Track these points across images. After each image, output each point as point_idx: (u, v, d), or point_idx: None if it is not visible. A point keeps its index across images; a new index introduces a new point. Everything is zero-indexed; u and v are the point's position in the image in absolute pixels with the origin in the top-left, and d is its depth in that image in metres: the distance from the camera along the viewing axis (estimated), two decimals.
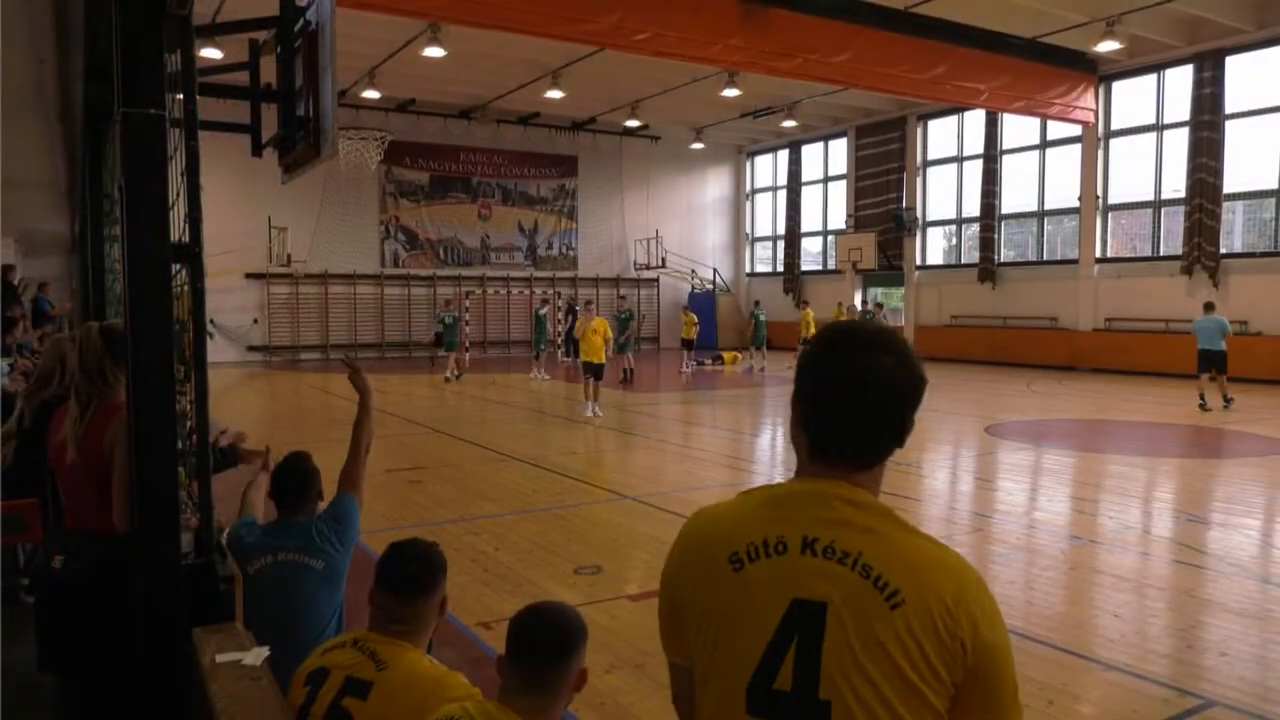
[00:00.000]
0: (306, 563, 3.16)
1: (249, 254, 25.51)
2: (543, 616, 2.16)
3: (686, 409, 16.29)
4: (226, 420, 12.64)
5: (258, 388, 20.05)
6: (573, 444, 11.71)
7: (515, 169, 30.39)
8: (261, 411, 16.20)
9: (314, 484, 3.39)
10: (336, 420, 14.76)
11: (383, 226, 28.45)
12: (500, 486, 9.06)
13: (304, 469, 3.40)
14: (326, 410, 16.32)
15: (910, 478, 9.61)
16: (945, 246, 28.24)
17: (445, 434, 12.58)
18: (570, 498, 8.49)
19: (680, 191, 33.51)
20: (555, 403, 16.60)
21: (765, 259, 35.06)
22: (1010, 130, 25.23)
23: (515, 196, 30.55)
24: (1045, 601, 5.59)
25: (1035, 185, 24.83)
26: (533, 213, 30.90)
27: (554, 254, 31.37)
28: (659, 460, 10.64)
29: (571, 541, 6.92)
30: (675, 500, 8.21)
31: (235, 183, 24.32)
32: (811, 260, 32.80)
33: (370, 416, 3.49)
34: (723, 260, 34.29)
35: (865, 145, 29.15)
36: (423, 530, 7.08)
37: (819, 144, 31.45)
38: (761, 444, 12.52)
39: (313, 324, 27.43)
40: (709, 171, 34.13)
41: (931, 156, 27.78)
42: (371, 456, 12.54)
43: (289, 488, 3.33)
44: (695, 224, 33.92)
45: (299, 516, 3.29)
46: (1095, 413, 14.98)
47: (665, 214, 32.83)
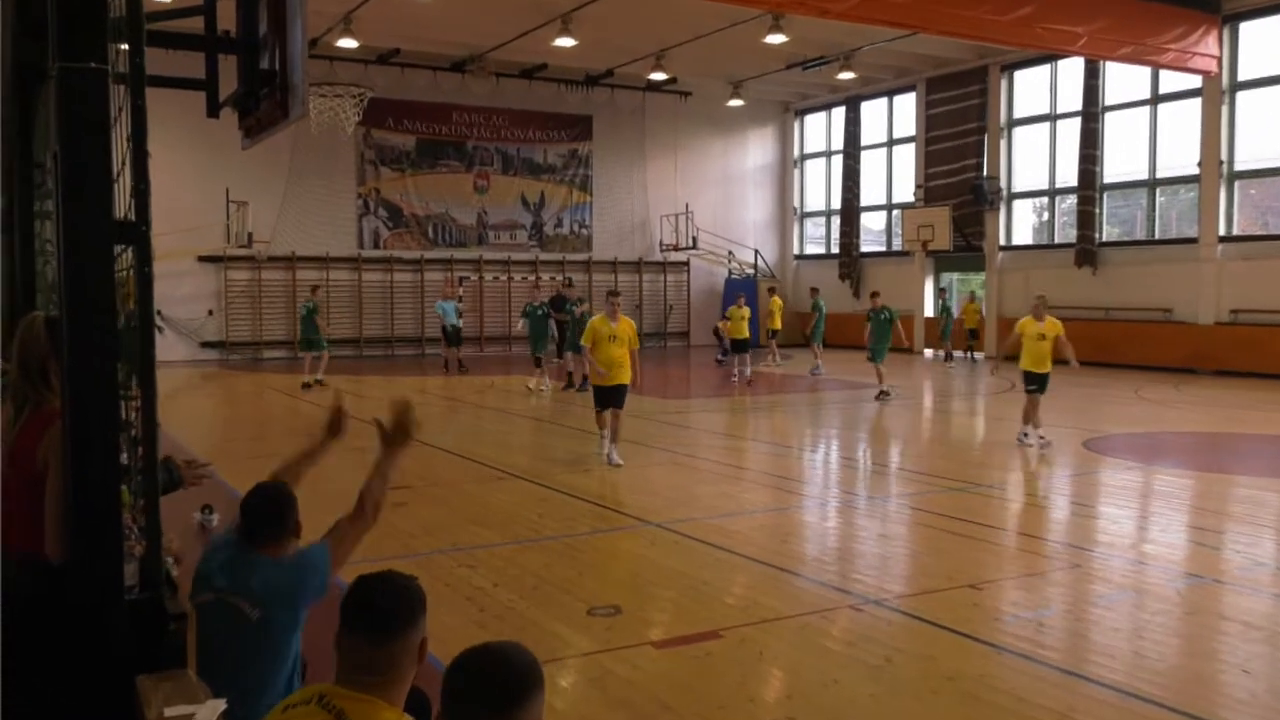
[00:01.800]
0: (240, 608, 3.18)
1: (203, 233, 25.77)
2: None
3: (723, 418, 16.26)
4: (176, 430, 12.81)
5: (212, 391, 20.25)
6: (586, 459, 11.72)
7: (518, 131, 30.51)
8: (217, 419, 16.34)
9: (289, 516, 3.40)
10: (304, 431, 14.80)
11: (361, 200, 28.66)
12: (499, 510, 9.06)
13: (278, 499, 3.43)
14: (294, 418, 16.43)
15: (993, 503, 9.53)
16: (1035, 223, 28.01)
17: (434, 447, 12.64)
18: (583, 524, 8.49)
19: (715, 158, 33.49)
20: (564, 410, 16.63)
21: (817, 239, 34.92)
22: (1114, 83, 25.00)
23: (518, 164, 30.66)
24: (1157, 652, 5.54)
25: (1145, 149, 24.59)
26: (539, 183, 31.01)
27: (564, 233, 31.46)
28: (689, 480, 10.61)
29: (584, 576, 6.93)
30: (708, 528, 8.20)
31: (187, 149, 24.50)
32: (872, 240, 32.63)
33: (394, 471, 3.48)
34: (766, 240, 34.24)
35: (937, 102, 28.99)
36: (407, 562, 7.10)
37: (881, 100, 31.31)
38: (813, 461, 12.48)
39: (278, 316, 27.67)
40: (749, 134, 34.07)
41: (1018, 115, 27.59)
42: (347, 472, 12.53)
43: (260, 521, 3.36)
44: (733, 197, 33.89)
45: (266, 552, 3.31)
46: (1218, 424, 14.81)
47: (697, 185, 32.83)
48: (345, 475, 10.95)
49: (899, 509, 9.29)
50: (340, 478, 10.91)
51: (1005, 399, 18.50)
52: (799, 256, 34.70)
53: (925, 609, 6.17)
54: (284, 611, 3.23)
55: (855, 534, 8.38)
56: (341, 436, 3.57)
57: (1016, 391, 19.26)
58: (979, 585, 6.68)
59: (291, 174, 27.19)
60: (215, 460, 11.16)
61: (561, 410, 16.65)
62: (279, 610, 3.22)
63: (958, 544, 7.82)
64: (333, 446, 3.55)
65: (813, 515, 9.17)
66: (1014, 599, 6.49)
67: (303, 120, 3.40)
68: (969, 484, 10.12)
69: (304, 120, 19.42)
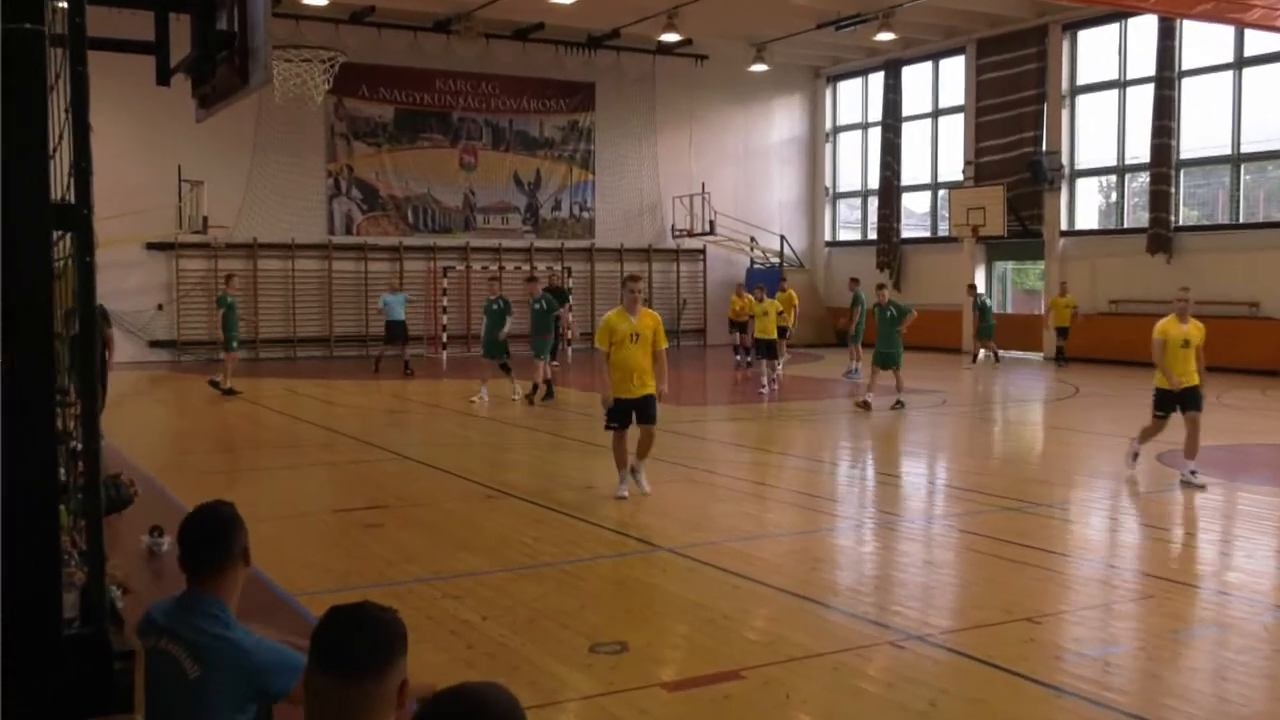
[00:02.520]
0: (181, 662, 3.15)
1: (152, 217, 25.85)
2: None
3: (744, 428, 16.24)
4: (121, 442, 12.85)
5: (162, 398, 20.32)
6: (588, 474, 11.72)
7: (510, 101, 30.59)
8: (168, 430, 16.39)
9: (232, 540, 3.33)
10: (268, 443, 14.89)
11: (331, 180, 28.77)
12: (489, 533, 9.06)
13: (216, 519, 3.36)
14: (255, 428, 16.47)
15: (1054, 524, 9.51)
16: (1101, 204, 27.95)
17: (414, 461, 12.64)
18: (584, 548, 8.50)
19: (735, 131, 33.51)
20: (563, 419, 16.63)
21: (852, 223, 34.88)
22: (1192, 44, 24.93)
23: (510, 138, 30.73)
24: (1241, 696, 5.52)
25: (1227, 120, 24.52)
26: (534, 160, 31.08)
27: (562, 216, 31.51)
28: (706, 499, 10.60)
29: (586, 608, 6.93)
30: (727, 553, 8.20)
31: (134, 122, 24.58)
32: (915, 224, 32.59)
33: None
34: (793, 224, 34.24)
35: (990, 66, 28.96)
36: (383, 592, 7.11)
37: (925, 64, 31.29)
38: (847, 476, 12.47)
39: (238, 310, 27.71)
40: (774, 104, 34.08)
41: (1082, 81, 27.54)
42: (315, 490, 12.54)
43: (197, 550, 3.30)
44: (756, 175, 33.89)
45: (210, 589, 3.28)
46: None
47: (714, 161, 32.86)
48: (313, 489, 10.91)
49: (945, 531, 9.27)
50: (308, 491, 10.86)
51: (1066, 406, 18.46)
52: (831, 243, 34.68)
53: (975, 646, 6.15)
54: (227, 688, 3.13)
55: (895, 560, 8.36)
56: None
57: (1080, 398, 19.26)
58: (1037, 619, 6.67)
59: (254, 150, 27.29)
60: (168, 476, 11.26)
61: (559, 419, 16.66)
62: (221, 680, 3.13)
63: (1012, 572, 7.80)
64: None
65: (847, 539, 9.15)
66: (1077, 635, 6.47)
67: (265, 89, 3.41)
68: (1026, 503, 10.10)
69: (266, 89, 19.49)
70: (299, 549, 8.29)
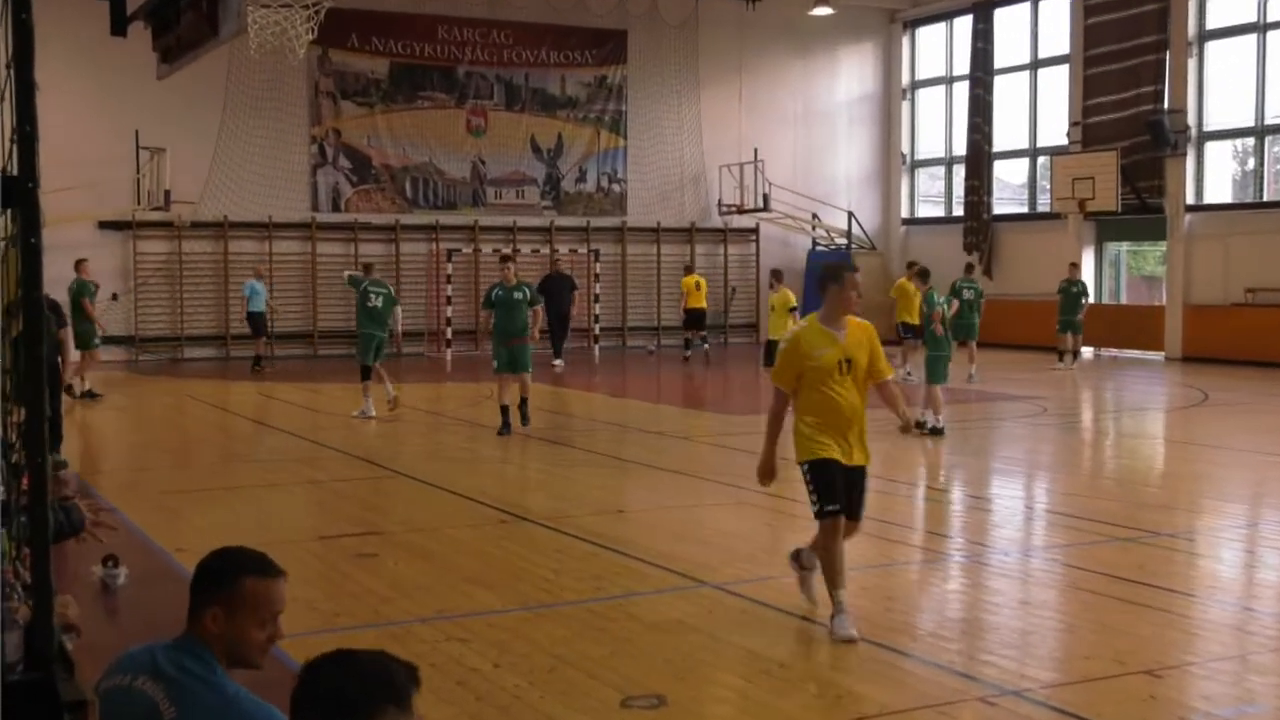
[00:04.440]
0: (157, 702, 3.22)
1: (105, 191, 26.11)
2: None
3: None
4: (71, 456, 12.98)
5: (118, 403, 20.51)
6: (620, 495, 11.71)
7: (526, 52, 30.68)
8: (121, 443, 16.54)
9: (225, 574, 3.40)
10: (240, 458, 15.00)
11: (316, 146, 28.95)
12: (502, 564, 9.07)
13: (220, 555, 3.44)
14: (225, 440, 16.58)
15: (1178, 556, 9.43)
16: (1235, 173, 27.65)
17: (412, 478, 12.69)
18: (614, 583, 8.49)
19: (794, 87, 33.42)
20: (588, 432, 16.64)
21: (934, 196, 34.67)
22: None
23: (527, 97, 30.80)
24: None
25: None
26: (555, 122, 31.12)
27: (588, 189, 31.56)
28: (759, 525, 10.57)
29: (616, 655, 6.93)
30: (783, 590, 8.17)
31: (84, 80, 24.82)
32: (1010, 198, 32.34)
33: None
34: (864, 198, 34.12)
35: (1101, 7, 28.71)
36: (378, 634, 7.14)
37: (1023, 6, 31.10)
38: (929, 500, 12.42)
39: (204, 301, 28.03)
40: (840, 54, 33.97)
41: (1212, 25, 27.26)
42: (297, 513, 12.68)
43: (195, 587, 3.39)
44: (818, 140, 33.79)
45: (198, 630, 3.35)
46: None
47: (768, 125, 32.79)
48: (295, 512, 11.04)
49: (1047, 566, 9.21)
50: (288, 515, 10.97)
51: (1193, 415, 18.29)
52: (909, 220, 34.50)
53: (1083, 703, 6.11)
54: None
55: (986, 600, 8.32)
56: None
57: (1209, 406, 19.06)
58: (1158, 671, 6.62)
59: (224, 113, 27.48)
60: (124, 497, 11.35)
61: (584, 432, 16.67)
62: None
63: (1128, 615, 7.74)
64: None
65: (927, 574, 9.12)
66: (1206, 691, 6.42)
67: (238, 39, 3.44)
68: (1144, 532, 10.02)
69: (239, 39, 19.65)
70: None
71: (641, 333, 31.31)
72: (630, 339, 31.35)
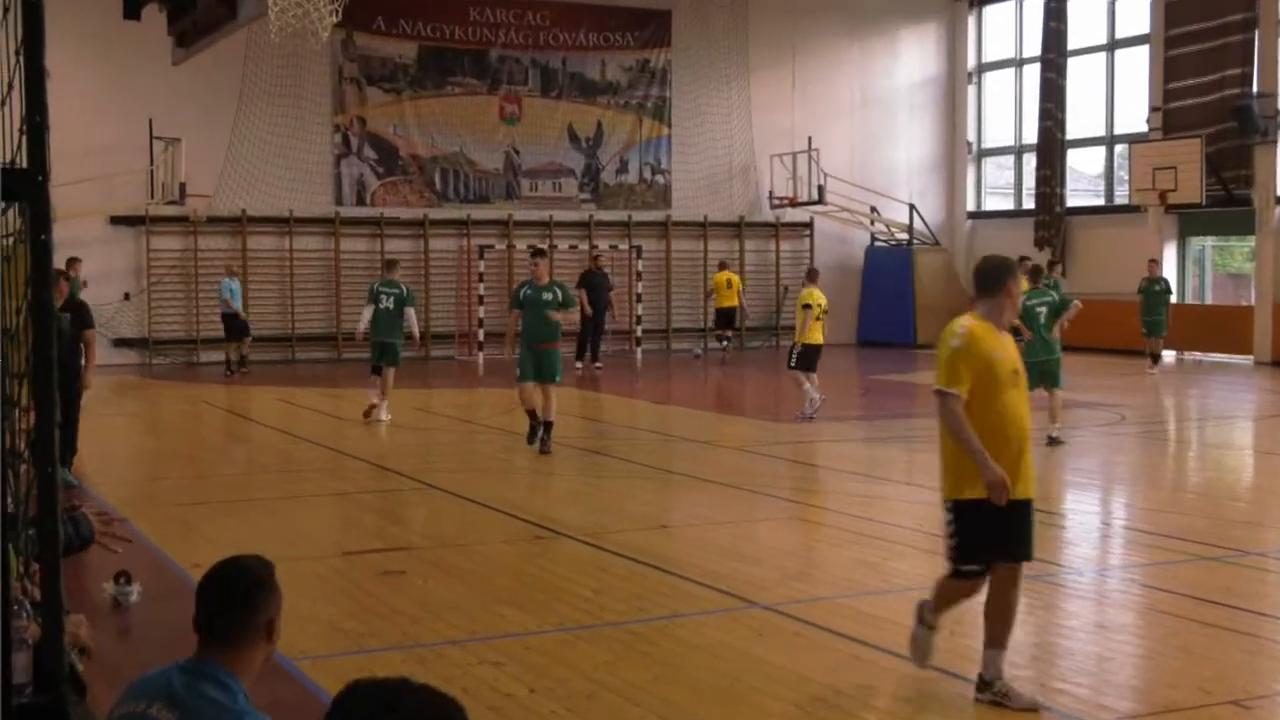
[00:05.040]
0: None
1: (117, 184, 26.39)
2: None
3: (862, 451, 16.15)
4: (81, 465, 13.10)
5: (130, 409, 20.69)
6: (664, 508, 11.70)
7: (563, 35, 30.75)
8: (135, 452, 16.67)
9: (258, 606, 3.42)
10: (260, 468, 15.08)
11: (340, 136, 29.11)
12: (538, 583, 9.10)
13: (241, 577, 3.46)
14: (244, 449, 16.68)
15: (1269, 576, 9.34)
16: None
17: (442, 490, 12.72)
18: (658, 604, 8.50)
19: (851, 71, 33.32)
20: (631, 439, 16.62)
21: (1002, 187, 34.45)
22: None
23: (564, 82, 30.86)
24: None
25: None
26: (594, 109, 31.16)
27: (629, 180, 31.58)
28: (813, 541, 10.56)
29: (660, 680, 6.93)
30: (842, 612, 8.16)
31: (97, 66, 25.04)
32: (1085, 189, 32.11)
33: None
34: (927, 190, 33.98)
35: None
36: (405, 656, 7.17)
37: None
38: None
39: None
40: (901, 35, 33.86)
41: None
42: (320, 527, 12.74)
43: (212, 609, 3.40)
44: (877, 128, 33.68)
45: (222, 657, 3.35)
46: None
47: (824, 111, 32.72)
48: (318, 526, 11.09)
49: (1125, 586, 9.15)
50: (311, 529, 11.03)
51: None
52: (975, 214, 34.30)
53: None
54: None
55: (1059, 623, 8.27)
56: None
57: None
58: (1246, 702, 6.56)
59: (241, 101, 27.66)
60: (137, 509, 11.43)
61: (625, 441, 16.65)
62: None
63: (1213, 640, 7.67)
64: None
65: None
66: None
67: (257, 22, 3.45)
68: (1231, 551, 9.92)
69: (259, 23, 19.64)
70: (300, 601, 8.37)
71: (687, 335, 31.26)
72: (675, 341, 31.33)
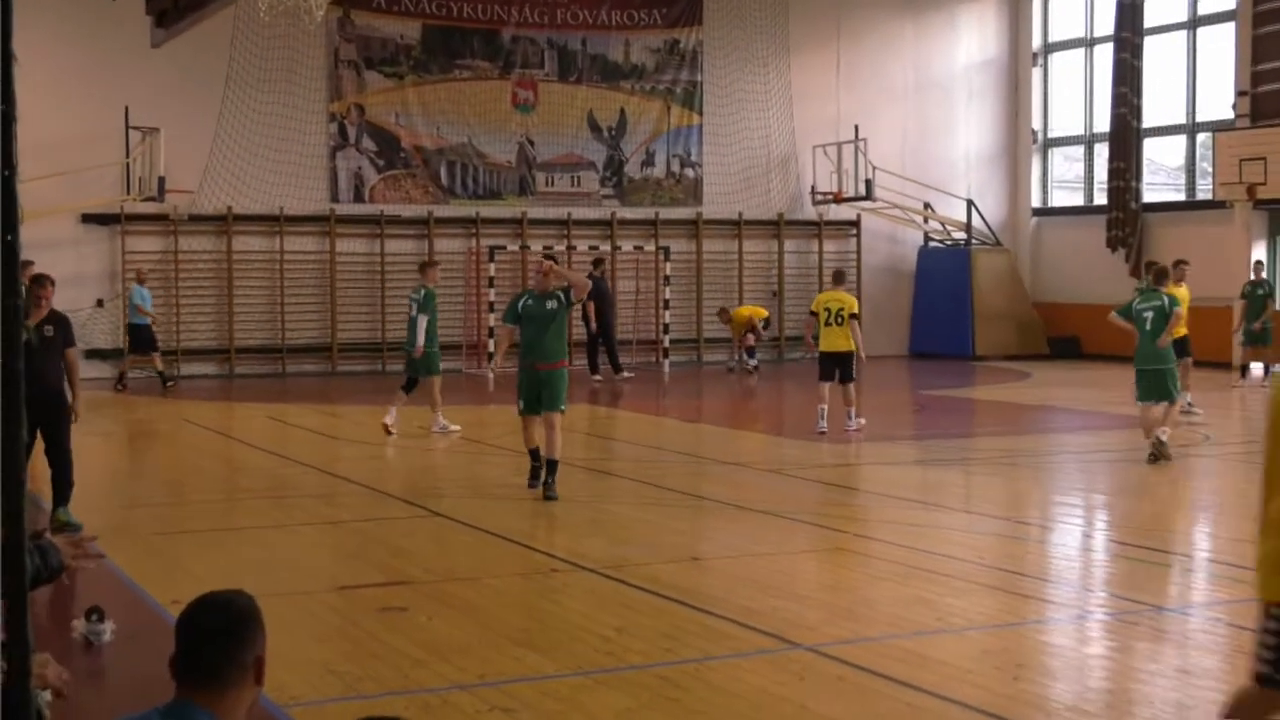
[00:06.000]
0: None
1: (90, 179, 26.49)
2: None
3: (914, 474, 16.16)
4: (48, 488, 13.14)
5: (103, 427, 20.75)
6: (694, 538, 11.67)
7: (584, 12, 30.82)
8: (108, 475, 16.73)
9: (243, 644, 3.45)
10: (247, 493, 15.12)
11: (336, 125, 29.20)
12: (555, 621, 9.11)
13: (227, 615, 3.48)
14: (229, 472, 16.71)
15: None
16: None
17: (449, 519, 12.75)
18: (688, 644, 8.48)
19: (903, 52, 33.32)
20: (657, 458, 16.60)
21: (1071, 181, 34.34)
22: None
23: (584, 65, 30.91)
24: None
25: None
26: (617, 95, 31.21)
27: (656, 174, 31.59)
28: (859, 575, 10.54)
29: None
30: (893, 655, 8.15)
31: (67, 48, 25.17)
32: (1164, 183, 31.98)
33: None
34: (986, 185, 33.92)
35: None
36: (408, 702, 7.16)
37: None
38: (1065, 545, 12.36)
39: (204, 308, 28.38)
40: (959, 12, 33.88)
41: None
42: (313, 559, 12.75)
43: (194, 647, 3.42)
44: (932, 116, 33.66)
45: (204, 702, 3.39)
46: None
47: (872, 98, 32.73)
48: (310, 558, 11.10)
49: (1209, 626, 9.09)
50: (303, 561, 11.05)
51: None
52: (1041, 211, 34.20)
53: None
54: None
55: (1136, 667, 8.26)
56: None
57: None
58: None
59: (229, 86, 27.77)
60: (110, 540, 11.40)
61: (651, 463, 16.64)
62: None
63: None
64: None
65: (1064, 635, 9.05)
66: None
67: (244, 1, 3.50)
68: None
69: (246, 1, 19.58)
70: (292, 641, 8.41)
71: (721, 345, 31.19)
72: (708, 353, 31.27)
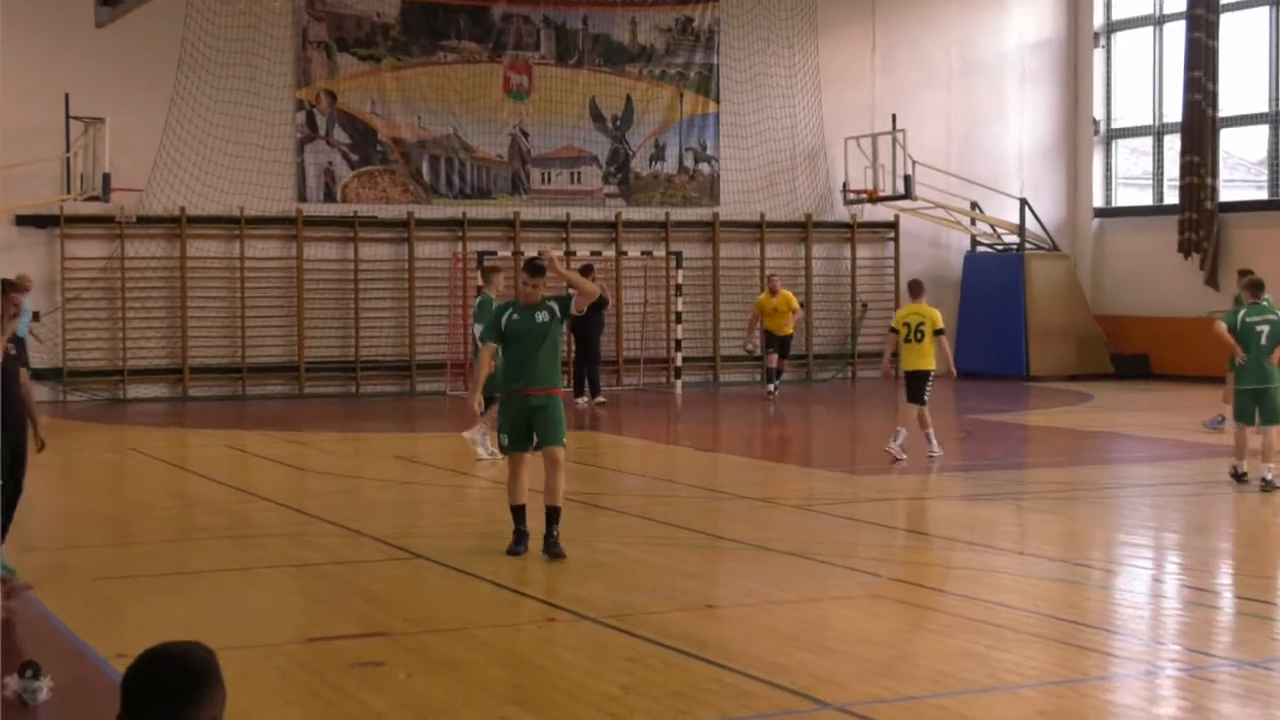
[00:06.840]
0: None
1: (26, 176, 26.57)
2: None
3: (961, 510, 16.15)
4: None
5: (37, 458, 20.68)
6: (711, 584, 11.63)
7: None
8: (46, 512, 16.71)
9: (199, 701, 3.45)
10: (203, 532, 15.09)
11: (302, 114, 29.27)
12: (550, 677, 9.09)
13: (181, 669, 3.49)
14: (183, 509, 16.68)
15: None
16: None
17: (429, 560, 12.72)
18: (704, 703, 8.46)
19: (946, 33, 33.43)
20: (668, 492, 16.59)
21: (1138, 178, 34.36)
22: None
23: (585, 46, 30.99)
24: None
25: None
26: (623, 80, 31.28)
27: (667, 169, 31.66)
28: (900, 625, 10.55)
29: None
30: (934, 715, 8.14)
31: (3, 29, 25.24)
32: (1245, 179, 32.03)
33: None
34: (1041, 182, 33.98)
35: None
36: None
37: None
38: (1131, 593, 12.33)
39: (154, 322, 28.43)
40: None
41: None
42: (278, 607, 12.80)
43: (146, 706, 3.42)
44: (979, 105, 33.75)
45: None
46: None
47: (912, 83, 32.83)
48: (275, 606, 11.12)
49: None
50: (267, 609, 11.04)
51: None
52: (1103, 211, 34.22)
53: None
54: None
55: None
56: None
57: None
58: None
59: (180, 71, 27.83)
60: (47, 585, 11.41)
61: (661, 498, 16.61)
62: None
63: None
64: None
65: (1132, 693, 9.00)
66: None
67: None
68: None
69: None
70: (255, 700, 8.37)
71: (739, 365, 31.15)
72: (725, 372, 31.26)
